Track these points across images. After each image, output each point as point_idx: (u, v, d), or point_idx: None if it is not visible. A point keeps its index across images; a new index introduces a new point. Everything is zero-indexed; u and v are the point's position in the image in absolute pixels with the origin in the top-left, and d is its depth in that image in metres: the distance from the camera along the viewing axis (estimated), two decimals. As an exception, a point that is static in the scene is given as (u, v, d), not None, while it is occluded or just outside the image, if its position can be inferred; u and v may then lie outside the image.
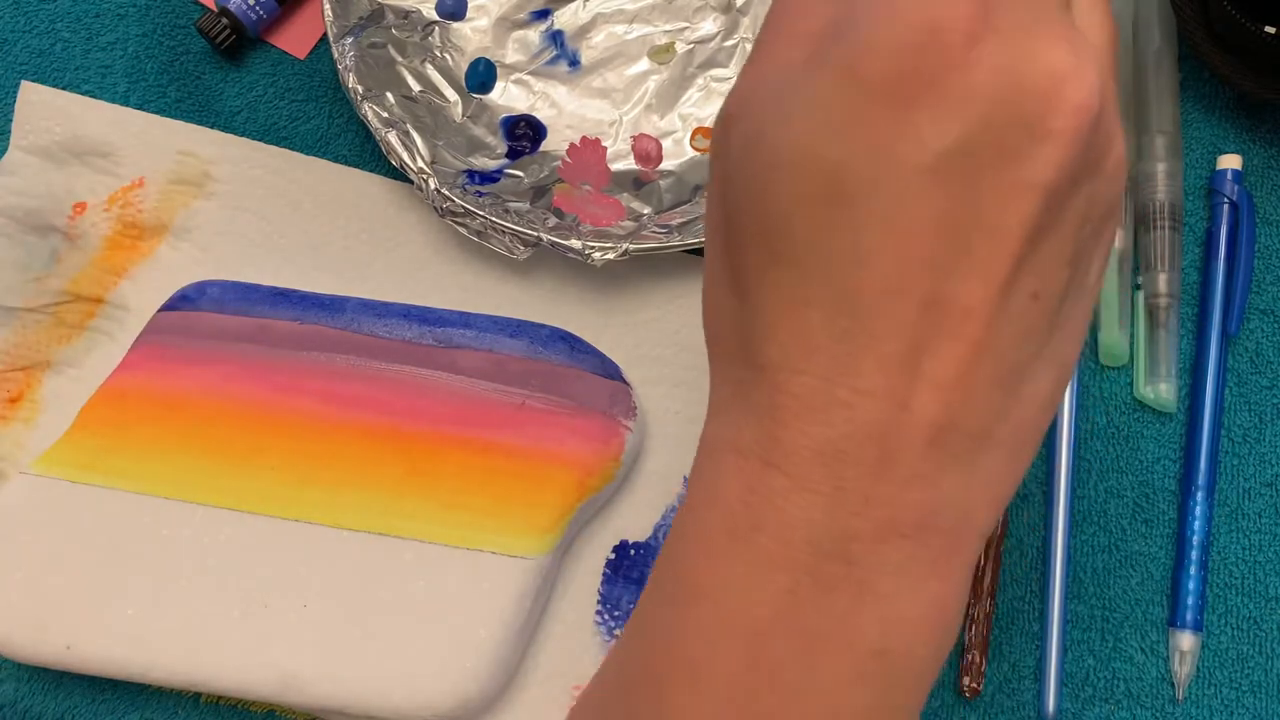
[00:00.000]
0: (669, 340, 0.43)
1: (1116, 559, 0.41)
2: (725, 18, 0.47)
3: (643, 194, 0.44)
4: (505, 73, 0.47)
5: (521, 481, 0.39)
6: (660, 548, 0.40)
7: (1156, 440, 0.42)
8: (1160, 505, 0.42)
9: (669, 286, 0.43)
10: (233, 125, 0.46)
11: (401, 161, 0.42)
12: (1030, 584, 0.41)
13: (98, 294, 0.44)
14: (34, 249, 0.44)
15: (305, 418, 0.40)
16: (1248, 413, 0.42)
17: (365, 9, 0.45)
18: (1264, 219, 0.44)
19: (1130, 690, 0.40)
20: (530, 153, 0.45)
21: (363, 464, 0.39)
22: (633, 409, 0.41)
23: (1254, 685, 0.40)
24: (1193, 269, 0.44)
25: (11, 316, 0.44)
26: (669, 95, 0.46)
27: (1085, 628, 0.41)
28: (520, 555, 0.38)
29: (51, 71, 0.47)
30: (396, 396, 0.40)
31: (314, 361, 0.41)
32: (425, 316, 0.42)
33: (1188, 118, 0.46)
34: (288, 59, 0.48)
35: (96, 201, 0.45)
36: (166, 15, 0.48)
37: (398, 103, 0.44)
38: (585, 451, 0.39)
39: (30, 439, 0.43)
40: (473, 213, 0.42)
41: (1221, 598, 0.41)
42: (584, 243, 0.41)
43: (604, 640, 0.40)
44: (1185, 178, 0.45)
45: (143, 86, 0.47)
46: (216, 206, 0.45)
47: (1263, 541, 0.41)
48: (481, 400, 0.40)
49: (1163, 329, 0.42)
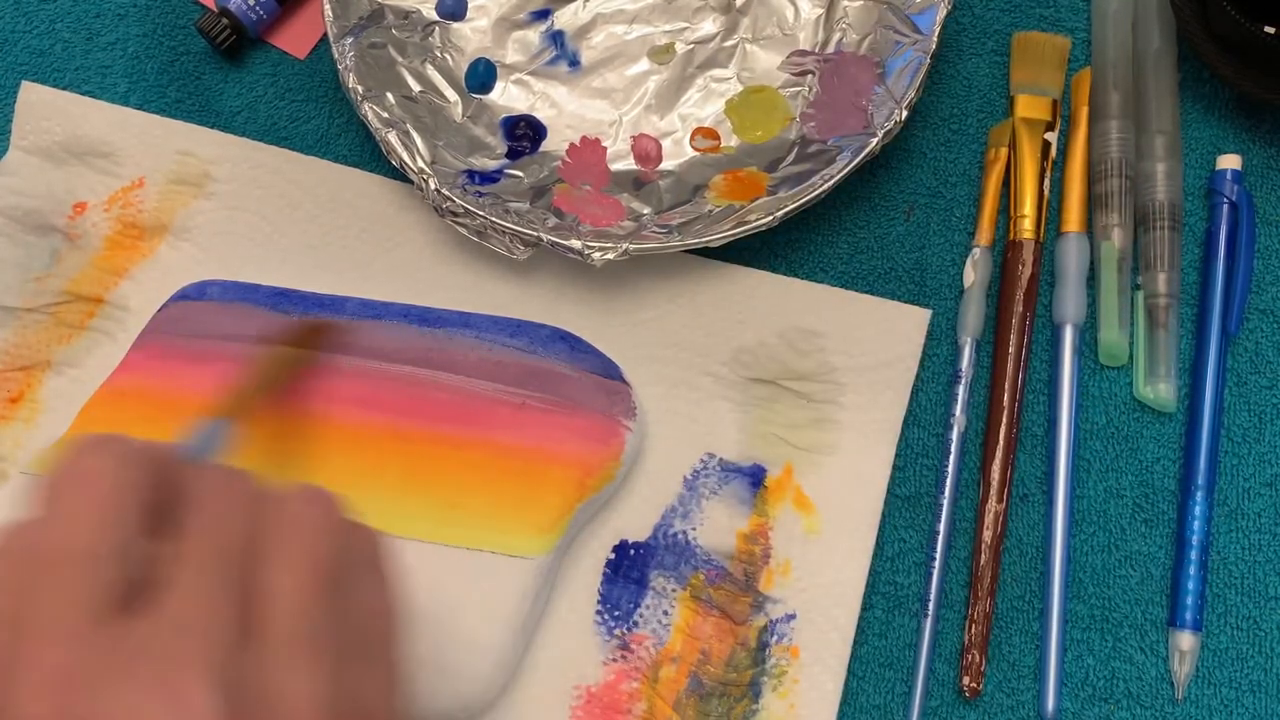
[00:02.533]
0: (669, 340, 0.43)
1: (1116, 559, 0.41)
2: (725, 18, 0.47)
3: (643, 194, 0.44)
4: (505, 73, 0.47)
5: (521, 481, 0.39)
6: (660, 548, 0.41)
7: (1156, 440, 0.42)
8: (1160, 505, 0.42)
9: (669, 286, 0.43)
10: (233, 125, 0.46)
11: (401, 161, 0.42)
12: (1030, 584, 0.41)
13: (98, 294, 0.44)
14: (34, 249, 0.44)
15: (305, 418, 0.40)
16: (1248, 413, 0.42)
17: (365, 9, 0.45)
18: (1264, 219, 0.44)
19: (1130, 690, 0.40)
20: (530, 153, 0.45)
21: (363, 464, 0.39)
22: (633, 409, 0.41)
23: (1254, 685, 0.40)
24: (1192, 269, 0.44)
25: (11, 316, 0.44)
26: (669, 95, 0.46)
27: (1085, 628, 0.41)
28: (520, 555, 0.38)
29: (51, 71, 0.48)
30: (396, 396, 0.40)
31: (314, 361, 0.41)
32: (425, 316, 0.42)
33: (1187, 118, 0.46)
34: (288, 59, 0.48)
35: (97, 201, 0.45)
36: (166, 15, 0.48)
37: (398, 103, 0.44)
38: (585, 451, 0.39)
39: (30, 439, 0.43)
40: (473, 213, 0.42)
41: (1221, 597, 0.41)
42: (584, 243, 0.41)
43: (604, 640, 0.40)
44: (1185, 178, 0.45)
45: (143, 86, 0.47)
46: (216, 206, 0.45)
47: (1262, 541, 0.41)
48: (481, 400, 0.40)
49: (1162, 329, 0.42)
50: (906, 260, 0.44)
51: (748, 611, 0.40)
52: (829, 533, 0.41)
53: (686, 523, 0.41)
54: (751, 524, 0.41)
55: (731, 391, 0.42)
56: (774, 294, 0.43)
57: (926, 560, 0.41)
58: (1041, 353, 0.43)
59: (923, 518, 0.42)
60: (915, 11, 0.44)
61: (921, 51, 0.43)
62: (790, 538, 0.41)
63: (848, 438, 0.42)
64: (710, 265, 0.43)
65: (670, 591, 0.40)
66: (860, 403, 0.42)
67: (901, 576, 0.41)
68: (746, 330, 0.43)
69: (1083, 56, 0.46)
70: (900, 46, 0.44)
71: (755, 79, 0.46)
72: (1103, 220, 0.43)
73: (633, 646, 0.40)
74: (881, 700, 0.40)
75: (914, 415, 0.43)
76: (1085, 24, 0.47)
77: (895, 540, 0.41)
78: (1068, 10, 0.47)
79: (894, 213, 0.45)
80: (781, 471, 0.41)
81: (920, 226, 0.45)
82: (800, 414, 0.42)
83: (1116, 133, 0.44)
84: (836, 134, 0.44)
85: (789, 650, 0.40)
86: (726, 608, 0.40)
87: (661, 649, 0.40)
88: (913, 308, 0.43)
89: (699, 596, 0.40)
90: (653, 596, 0.40)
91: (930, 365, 0.43)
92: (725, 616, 0.40)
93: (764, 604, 0.40)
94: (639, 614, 0.40)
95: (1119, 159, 0.44)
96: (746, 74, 0.46)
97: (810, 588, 0.40)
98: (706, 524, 0.41)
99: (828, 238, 0.45)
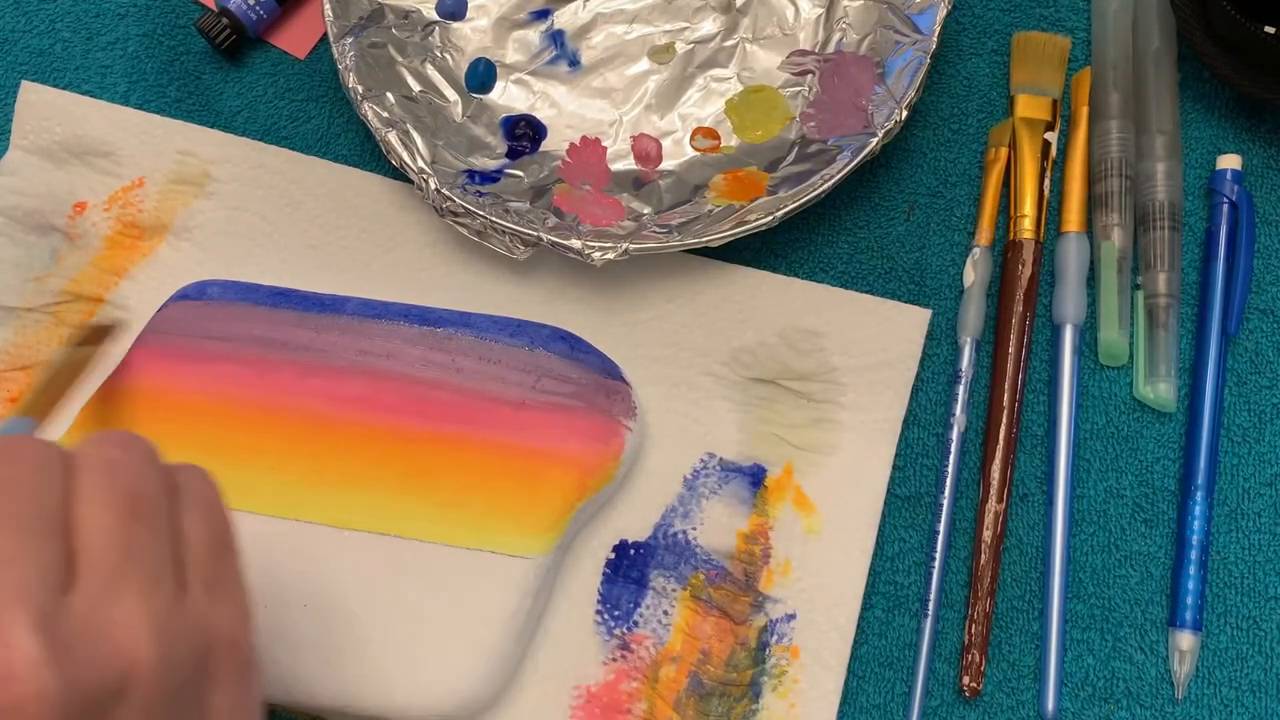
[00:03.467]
0: (669, 340, 0.43)
1: (1116, 559, 0.41)
2: (725, 18, 0.47)
3: (643, 194, 0.44)
4: (505, 73, 0.47)
5: (522, 481, 0.39)
6: (660, 547, 0.41)
7: (1156, 440, 0.42)
8: (1160, 505, 0.42)
9: (669, 286, 0.43)
10: (233, 125, 0.46)
11: (401, 161, 0.42)
12: (1030, 584, 0.41)
13: (98, 293, 0.44)
14: (34, 249, 0.44)
15: (305, 418, 0.40)
16: (1248, 413, 0.42)
17: (365, 9, 0.45)
18: (1264, 219, 0.44)
19: (1130, 690, 0.40)
20: (530, 153, 0.45)
21: (363, 464, 0.39)
22: (633, 409, 0.41)
23: (1254, 685, 0.40)
24: (1192, 269, 0.44)
25: (11, 316, 0.44)
26: (669, 95, 0.46)
27: (1085, 627, 0.41)
28: (520, 555, 0.38)
29: (52, 71, 0.47)
30: (396, 396, 0.40)
31: (314, 361, 0.41)
32: (425, 316, 0.42)
33: (1188, 118, 0.46)
34: (288, 59, 0.48)
35: (97, 201, 0.45)
36: (166, 15, 0.48)
37: (398, 103, 0.44)
38: (585, 451, 0.39)
39: (30, 439, 0.43)
40: (473, 212, 0.42)
41: (1221, 597, 0.41)
42: (584, 243, 0.41)
43: (604, 640, 0.40)
44: (1185, 178, 0.45)
45: (143, 86, 0.47)
46: (216, 206, 0.45)
47: (1262, 541, 0.41)
48: (481, 400, 0.40)
49: (1162, 329, 0.42)
50: (906, 260, 0.44)
51: (748, 611, 0.40)
52: (829, 533, 0.41)
53: (686, 522, 0.41)
54: (751, 524, 0.41)
55: (731, 391, 0.42)
56: (774, 294, 0.43)
57: (926, 560, 0.41)
58: (1041, 353, 0.43)
59: (923, 518, 0.42)
60: (915, 11, 0.44)
61: (921, 51, 0.43)
62: (790, 537, 0.41)
63: (848, 438, 0.42)
64: (710, 265, 0.43)
65: (670, 591, 0.40)
66: (860, 402, 0.42)
67: (901, 576, 0.41)
68: (746, 330, 0.43)
69: (1083, 56, 0.46)
70: (900, 46, 0.44)
71: (755, 79, 0.46)
72: (1103, 220, 0.43)
73: (633, 646, 0.40)
74: (881, 700, 0.40)
75: (914, 415, 0.43)
76: (1085, 24, 0.47)
77: (895, 540, 0.41)
78: (1068, 10, 0.47)
79: (894, 213, 0.45)
80: (781, 471, 0.41)
81: (920, 226, 0.45)
82: (800, 414, 0.42)
83: (1116, 133, 0.44)
84: (836, 134, 0.44)
85: (789, 650, 0.40)
86: (726, 607, 0.40)
87: (661, 649, 0.40)
88: (913, 308, 0.43)
89: (699, 596, 0.40)
90: (653, 596, 0.40)
91: (930, 365, 0.43)
92: (725, 616, 0.40)
93: (764, 604, 0.40)
94: (639, 614, 0.40)
95: (1119, 159, 0.44)
96: (746, 74, 0.46)
97: (810, 587, 0.40)
98: (706, 524, 0.41)
99: (828, 238, 0.45)
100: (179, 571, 0.26)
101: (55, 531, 0.24)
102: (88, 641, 0.23)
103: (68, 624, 0.23)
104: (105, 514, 0.25)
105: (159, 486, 0.27)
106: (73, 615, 0.23)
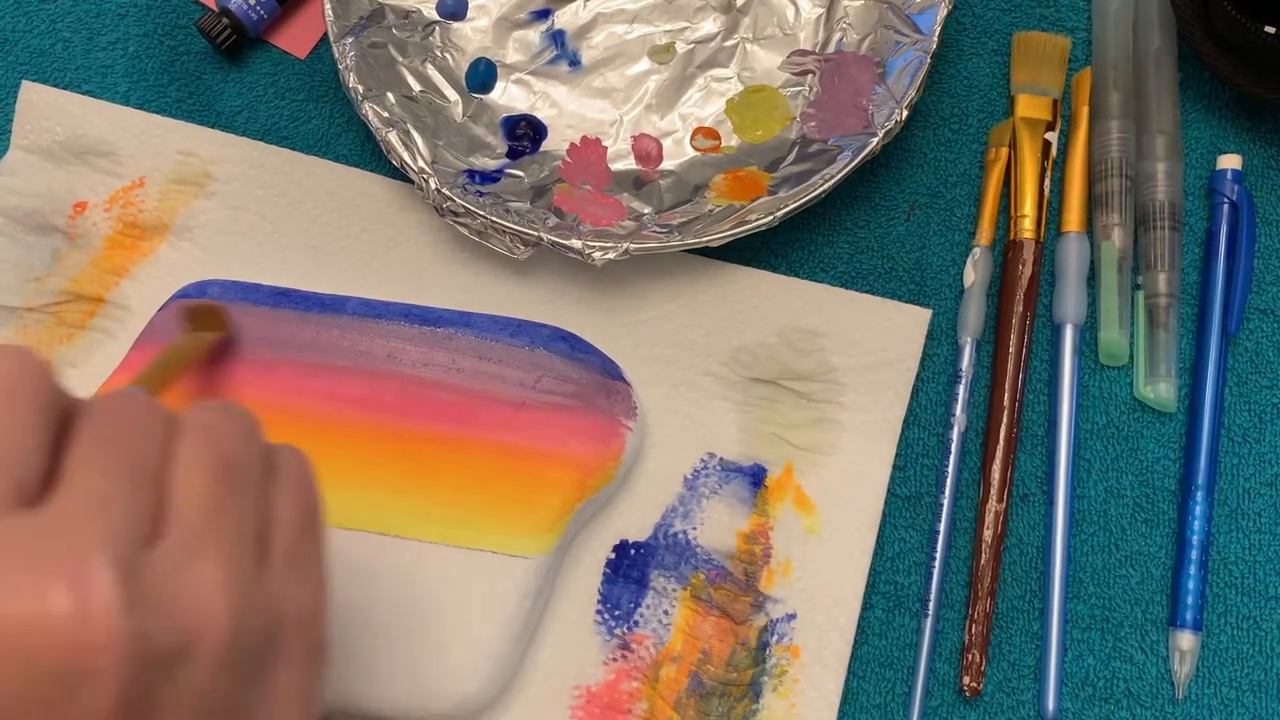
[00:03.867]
0: (669, 340, 0.43)
1: (1116, 559, 0.41)
2: (725, 18, 0.47)
3: (643, 194, 0.44)
4: (506, 72, 0.47)
5: (521, 481, 0.39)
6: (660, 547, 0.41)
7: (1156, 440, 0.42)
8: (1160, 505, 0.42)
9: (669, 286, 0.43)
10: (233, 125, 0.46)
11: (402, 161, 0.42)
12: (1030, 584, 0.41)
13: (98, 293, 0.44)
14: (34, 249, 0.44)
15: (306, 417, 0.40)
16: (1248, 413, 0.42)
17: (365, 9, 0.45)
18: (1264, 219, 0.44)
19: (1130, 690, 0.40)
20: (530, 153, 0.45)
21: (363, 464, 0.39)
22: (633, 409, 0.41)
23: (1254, 685, 0.40)
24: (1193, 269, 0.44)
25: (12, 316, 0.44)
26: (669, 95, 0.46)
27: (1085, 627, 0.41)
28: (520, 555, 0.38)
29: (52, 71, 0.48)
30: (397, 396, 0.40)
31: (314, 361, 0.41)
32: (425, 316, 0.42)
33: (1188, 118, 0.46)
34: (288, 59, 0.48)
35: (97, 201, 0.45)
36: (167, 15, 0.48)
37: (398, 102, 0.44)
38: (585, 451, 0.39)
39: (31, 439, 0.43)
40: (473, 212, 0.42)
41: (1221, 597, 0.41)
42: (584, 242, 0.41)
43: (604, 640, 0.40)
44: (1185, 178, 0.45)
45: (143, 86, 0.47)
46: (217, 206, 0.45)
47: (1262, 541, 0.41)
48: (481, 400, 0.40)
49: (1162, 329, 0.42)
50: (907, 260, 0.44)
51: (748, 611, 0.40)
52: (829, 532, 0.41)
53: (687, 522, 0.41)
54: (752, 523, 0.41)
55: (732, 391, 0.42)
56: (774, 294, 0.43)
57: (926, 560, 0.41)
58: (1041, 353, 0.43)
59: (923, 518, 0.42)
60: (915, 11, 0.44)
61: (922, 51, 0.43)
62: (790, 537, 0.41)
63: (848, 437, 0.42)
64: (710, 265, 0.43)
65: (671, 591, 0.40)
66: (860, 402, 0.42)
67: (901, 576, 0.41)
68: (747, 330, 0.43)
69: (1083, 56, 0.46)
70: (900, 46, 0.44)
71: (756, 79, 0.46)
72: (1103, 220, 0.43)
73: (633, 646, 0.40)
74: (881, 700, 0.40)
75: (914, 415, 0.43)
76: (1085, 24, 0.47)
77: (895, 540, 0.41)
78: (1068, 10, 0.47)
79: (894, 213, 0.45)
80: (782, 471, 0.41)
81: (920, 226, 0.45)
82: (800, 414, 0.42)
83: (1117, 132, 0.44)
84: (837, 134, 0.44)
85: (789, 650, 0.40)
86: (727, 607, 0.40)
87: (662, 649, 0.40)
88: (913, 307, 0.43)
89: (699, 596, 0.40)
90: (653, 596, 0.40)
91: (930, 365, 0.43)
92: (725, 616, 0.40)
93: (764, 604, 0.40)
94: (639, 614, 0.40)
95: (1119, 159, 0.44)
96: (747, 74, 0.46)
97: (810, 587, 0.40)
98: (707, 524, 0.41)
99: (828, 238, 0.45)
100: (263, 544, 0.26)
101: (150, 485, 0.24)
102: (164, 597, 0.23)
103: (148, 577, 0.23)
104: (200, 475, 0.25)
105: (256, 458, 0.27)
106: (153, 570, 0.23)
